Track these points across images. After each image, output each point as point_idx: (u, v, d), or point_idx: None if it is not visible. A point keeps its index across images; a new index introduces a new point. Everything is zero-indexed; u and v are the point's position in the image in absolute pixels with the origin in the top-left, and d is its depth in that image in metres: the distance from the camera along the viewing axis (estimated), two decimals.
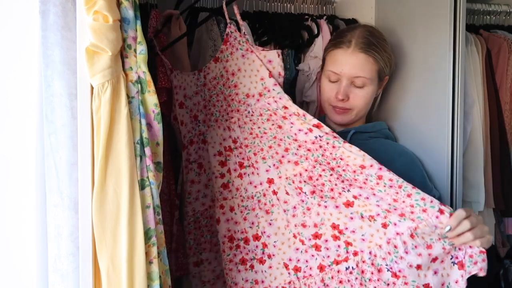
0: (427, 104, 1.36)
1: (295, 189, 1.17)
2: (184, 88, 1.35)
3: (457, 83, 1.27)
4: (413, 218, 1.03)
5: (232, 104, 1.28)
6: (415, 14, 1.42)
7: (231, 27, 1.29)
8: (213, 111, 1.31)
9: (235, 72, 1.28)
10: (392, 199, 1.07)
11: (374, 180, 1.10)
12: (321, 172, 1.15)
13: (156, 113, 0.96)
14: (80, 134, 0.90)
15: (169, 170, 1.36)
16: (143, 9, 1.15)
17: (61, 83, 0.92)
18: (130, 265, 0.89)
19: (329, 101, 1.30)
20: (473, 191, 1.54)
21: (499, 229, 1.70)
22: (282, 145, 1.21)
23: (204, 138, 1.33)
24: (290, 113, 1.21)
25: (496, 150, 1.62)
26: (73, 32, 0.91)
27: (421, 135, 1.38)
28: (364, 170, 1.11)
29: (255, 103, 1.25)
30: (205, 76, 1.33)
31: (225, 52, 1.30)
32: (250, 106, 1.26)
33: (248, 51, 1.26)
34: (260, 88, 1.25)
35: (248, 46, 1.27)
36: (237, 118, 1.27)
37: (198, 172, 1.35)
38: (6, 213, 0.98)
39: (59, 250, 0.92)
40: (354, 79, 1.24)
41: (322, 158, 1.16)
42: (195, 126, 1.35)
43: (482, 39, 1.64)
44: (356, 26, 1.40)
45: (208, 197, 1.35)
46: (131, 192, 0.90)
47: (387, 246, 1.05)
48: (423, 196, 1.05)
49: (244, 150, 1.25)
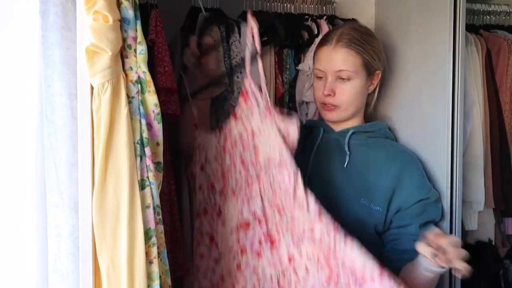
0: (427, 104, 1.36)
1: (316, 264, 1.07)
2: (207, 149, 1.27)
3: (457, 83, 1.27)
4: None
5: (252, 170, 1.17)
6: (415, 14, 1.42)
7: (249, 80, 1.16)
8: (231, 182, 1.21)
9: (255, 133, 1.16)
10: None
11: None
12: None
13: (156, 113, 0.96)
14: (80, 134, 0.90)
15: (169, 170, 1.36)
16: (143, 9, 1.14)
17: (61, 83, 0.92)
18: (130, 265, 0.89)
19: (319, 99, 1.31)
20: (473, 191, 1.54)
21: (499, 229, 1.70)
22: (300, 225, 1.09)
23: (220, 211, 1.24)
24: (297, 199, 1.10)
25: (496, 150, 1.62)
26: (73, 32, 0.91)
27: (421, 135, 1.38)
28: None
29: (275, 171, 1.12)
30: (225, 137, 1.23)
31: (244, 109, 1.18)
32: (271, 171, 1.13)
33: (267, 112, 1.13)
34: (278, 157, 1.12)
35: (267, 106, 1.13)
36: (257, 189, 1.16)
37: (208, 246, 1.27)
38: (6, 213, 0.98)
39: (59, 250, 0.92)
40: (338, 73, 1.25)
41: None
42: (211, 195, 1.26)
43: (482, 39, 1.64)
44: (340, 25, 1.43)
45: (217, 275, 1.26)
46: (131, 192, 0.90)
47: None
48: None
49: (264, 225, 1.15)
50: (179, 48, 1.60)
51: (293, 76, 1.62)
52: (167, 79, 1.25)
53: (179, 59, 1.58)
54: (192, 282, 1.31)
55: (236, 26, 1.57)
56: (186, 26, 1.63)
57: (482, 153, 1.57)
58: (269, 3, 1.68)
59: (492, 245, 1.65)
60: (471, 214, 1.57)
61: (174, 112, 1.26)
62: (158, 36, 1.25)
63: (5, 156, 0.98)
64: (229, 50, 1.55)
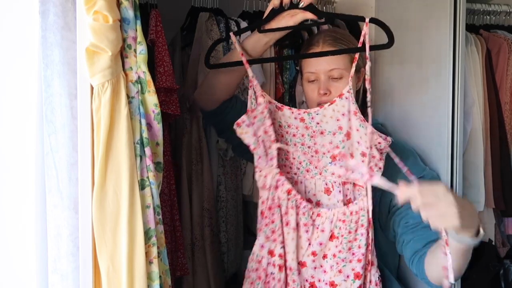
0: (427, 104, 1.36)
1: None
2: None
3: (457, 83, 1.27)
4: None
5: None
6: (415, 14, 1.42)
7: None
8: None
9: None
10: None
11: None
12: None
13: (156, 113, 0.96)
14: (80, 134, 0.90)
15: (169, 170, 1.36)
16: (143, 9, 1.15)
17: (61, 83, 0.92)
18: (130, 265, 0.89)
19: (315, 100, 1.31)
20: (473, 191, 1.54)
21: (499, 229, 1.70)
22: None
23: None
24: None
25: (496, 150, 1.62)
26: (73, 32, 0.91)
27: (421, 135, 1.38)
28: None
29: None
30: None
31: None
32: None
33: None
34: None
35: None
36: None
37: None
38: (6, 213, 0.98)
39: (59, 250, 0.92)
40: (331, 73, 1.26)
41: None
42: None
43: (482, 39, 1.64)
44: (321, 31, 1.45)
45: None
46: (131, 192, 0.90)
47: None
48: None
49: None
50: (179, 48, 1.60)
51: (293, 76, 1.62)
52: (167, 79, 1.25)
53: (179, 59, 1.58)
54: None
55: (236, 26, 1.57)
56: (186, 26, 1.64)
57: (482, 153, 1.57)
58: (269, 3, 1.68)
59: (492, 245, 1.65)
60: None
61: (174, 112, 1.26)
62: (158, 36, 1.25)
63: (5, 156, 0.98)
64: (229, 50, 1.55)
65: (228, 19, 1.58)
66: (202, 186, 1.55)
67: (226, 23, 1.57)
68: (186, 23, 1.63)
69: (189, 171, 1.54)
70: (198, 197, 1.54)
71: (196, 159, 1.55)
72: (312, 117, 1.23)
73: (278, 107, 1.24)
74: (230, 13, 1.64)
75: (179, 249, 1.39)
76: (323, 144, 1.22)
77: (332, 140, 1.21)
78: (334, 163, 1.20)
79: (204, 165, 1.56)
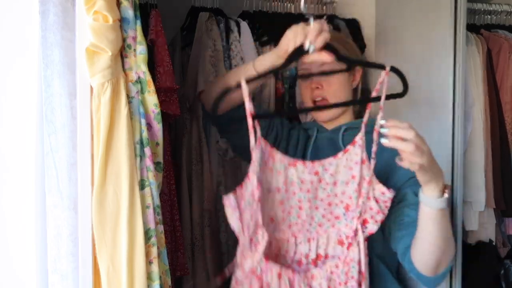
0: (427, 104, 1.36)
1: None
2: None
3: (457, 83, 1.27)
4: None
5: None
6: (415, 14, 1.42)
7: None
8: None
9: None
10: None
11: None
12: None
13: (156, 113, 0.96)
14: (80, 134, 0.90)
15: (169, 170, 1.36)
16: (143, 9, 1.15)
17: (61, 83, 0.92)
18: (130, 265, 0.89)
19: (309, 98, 1.32)
20: (474, 191, 1.54)
21: (499, 229, 1.70)
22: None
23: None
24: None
25: (496, 150, 1.62)
26: (73, 32, 0.91)
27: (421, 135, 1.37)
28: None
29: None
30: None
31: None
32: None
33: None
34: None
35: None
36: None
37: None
38: (6, 214, 0.98)
39: (58, 250, 0.92)
40: (322, 68, 1.26)
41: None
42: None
43: (483, 38, 1.64)
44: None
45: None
46: (131, 192, 0.90)
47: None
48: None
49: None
50: (179, 48, 1.60)
51: (293, 76, 1.62)
52: (167, 79, 1.24)
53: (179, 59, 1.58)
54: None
55: (236, 26, 1.57)
56: (186, 26, 1.63)
57: (483, 153, 1.57)
58: (269, 3, 1.68)
59: (493, 245, 1.65)
60: (472, 214, 1.57)
61: (174, 112, 1.26)
62: (158, 36, 1.25)
63: (5, 156, 0.98)
64: (229, 50, 1.55)
65: (228, 19, 1.58)
66: (202, 186, 1.55)
67: (226, 23, 1.57)
68: (186, 23, 1.63)
69: (189, 171, 1.54)
70: (198, 197, 1.54)
71: (196, 159, 1.55)
72: (325, 168, 1.15)
73: (290, 163, 1.15)
74: (230, 13, 1.64)
75: (179, 249, 1.39)
76: (335, 194, 1.16)
77: (345, 190, 1.15)
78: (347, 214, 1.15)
79: (204, 165, 1.56)
